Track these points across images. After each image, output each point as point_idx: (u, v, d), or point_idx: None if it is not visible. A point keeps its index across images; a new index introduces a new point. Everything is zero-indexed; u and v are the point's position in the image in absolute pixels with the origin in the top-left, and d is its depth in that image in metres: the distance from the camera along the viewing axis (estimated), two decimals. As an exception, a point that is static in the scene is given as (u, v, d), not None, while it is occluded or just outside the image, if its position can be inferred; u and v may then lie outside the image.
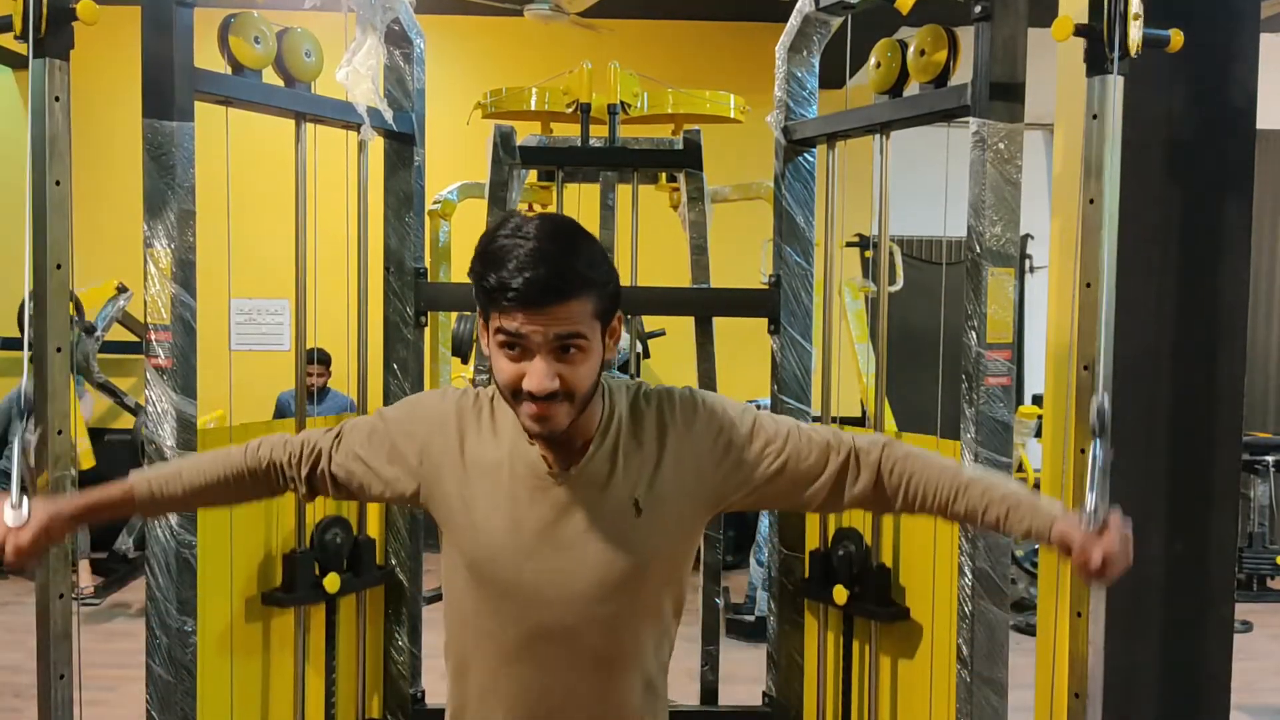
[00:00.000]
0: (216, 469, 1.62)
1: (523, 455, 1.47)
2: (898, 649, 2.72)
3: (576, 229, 1.40)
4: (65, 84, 2.08)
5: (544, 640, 1.49)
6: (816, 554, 2.86)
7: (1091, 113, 1.99)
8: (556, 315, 1.33)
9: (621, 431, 1.48)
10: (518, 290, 1.31)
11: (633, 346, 3.84)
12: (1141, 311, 2.43)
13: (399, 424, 1.56)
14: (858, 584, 2.75)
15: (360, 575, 2.83)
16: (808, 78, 2.93)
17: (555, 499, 1.46)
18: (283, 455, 1.61)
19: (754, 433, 1.52)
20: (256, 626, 2.67)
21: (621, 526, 1.46)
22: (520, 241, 1.33)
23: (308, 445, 1.61)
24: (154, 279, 2.33)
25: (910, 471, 1.53)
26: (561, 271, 1.32)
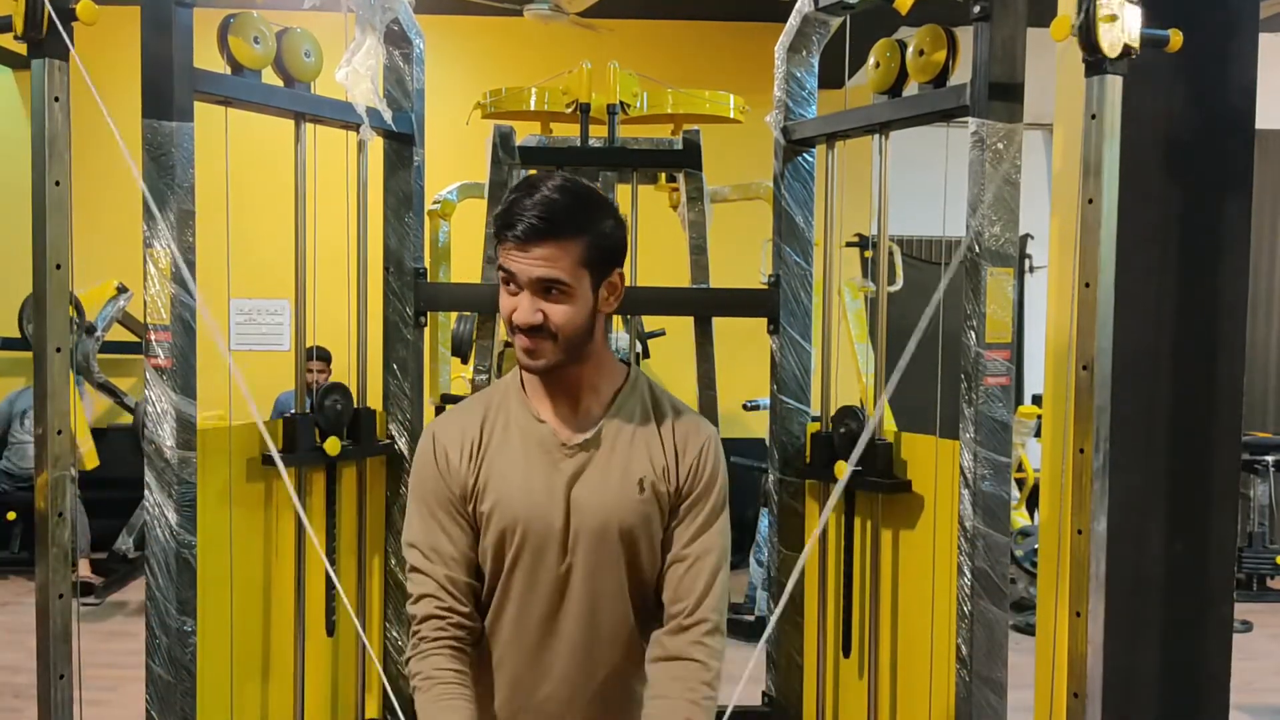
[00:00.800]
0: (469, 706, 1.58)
1: (534, 433, 1.61)
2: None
3: (589, 189, 1.57)
4: (65, 84, 2.08)
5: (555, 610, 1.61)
6: (818, 435, 2.87)
7: (1090, 112, 1.98)
8: (541, 255, 1.49)
9: (639, 419, 1.63)
10: (511, 227, 1.48)
11: (632, 346, 3.84)
12: (1141, 311, 2.43)
13: (427, 490, 1.64)
14: (859, 460, 2.73)
15: (361, 443, 2.83)
16: (807, 78, 2.93)
17: (572, 465, 1.60)
18: (450, 616, 1.60)
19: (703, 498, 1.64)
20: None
21: (626, 493, 1.60)
22: (535, 189, 1.50)
23: (439, 599, 1.60)
24: (153, 279, 2.33)
25: (653, 682, 1.62)
26: (553, 215, 1.48)
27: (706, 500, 1.64)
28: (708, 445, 1.65)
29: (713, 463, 1.65)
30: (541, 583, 1.60)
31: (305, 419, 2.71)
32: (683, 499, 1.63)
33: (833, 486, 2.83)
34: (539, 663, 1.63)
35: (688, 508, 1.63)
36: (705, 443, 1.65)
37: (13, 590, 6.01)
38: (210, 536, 2.48)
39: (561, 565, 1.60)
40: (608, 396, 1.63)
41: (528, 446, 1.60)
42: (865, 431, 2.24)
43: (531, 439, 1.61)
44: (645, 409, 1.65)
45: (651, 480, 1.61)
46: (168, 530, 2.35)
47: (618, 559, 1.60)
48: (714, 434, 1.68)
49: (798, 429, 2.95)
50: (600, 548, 1.59)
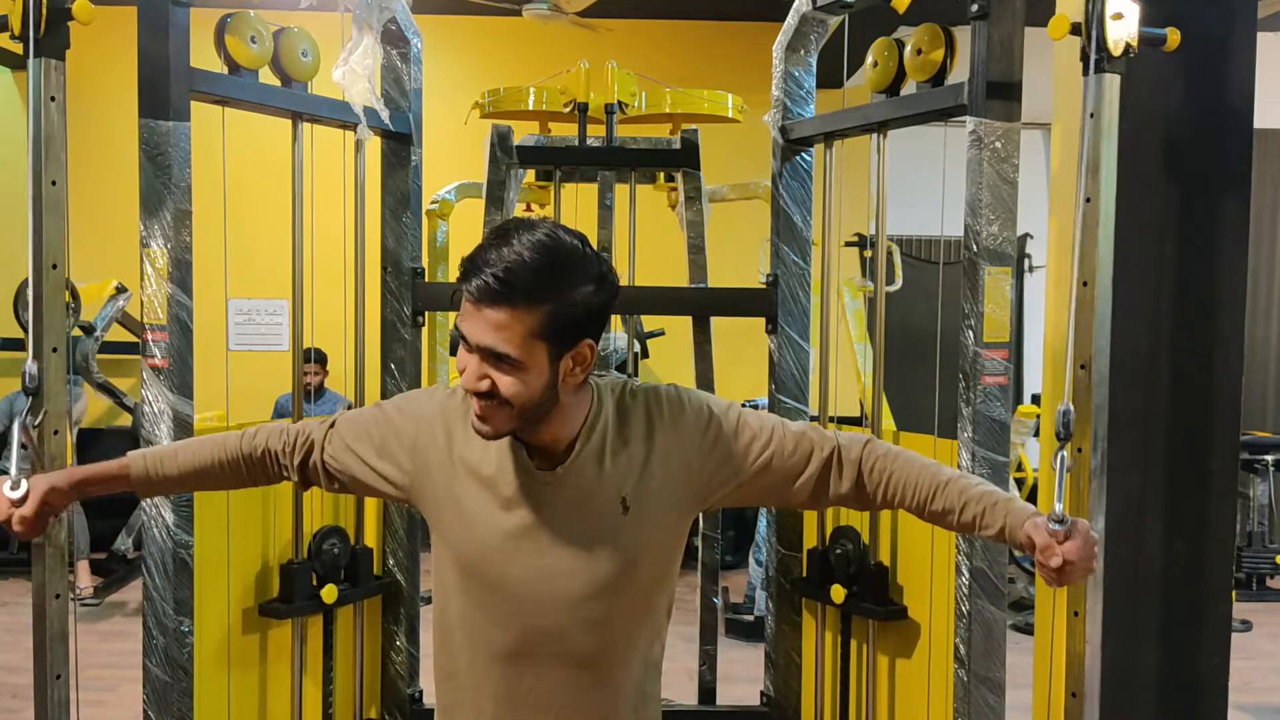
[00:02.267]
0: (213, 452, 1.65)
1: (510, 456, 1.48)
2: (895, 648, 2.72)
3: (571, 249, 1.37)
4: (61, 84, 2.08)
5: (533, 639, 1.49)
6: (814, 552, 2.85)
7: (1088, 111, 1.98)
8: (492, 321, 1.34)
9: (609, 431, 1.48)
10: (467, 279, 1.35)
11: (630, 346, 3.84)
12: (1139, 310, 2.43)
13: (391, 420, 1.57)
14: (855, 583, 2.74)
15: (358, 585, 2.83)
16: (805, 77, 2.93)
17: (542, 499, 1.47)
18: (278, 443, 1.64)
19: (739, 429, 1.53)
20: (254, 637, 2.66)
21: (609, 525, 1.47)
22: (507, 240, 1.35)
23: (302, 434, 1.63)
24: (150, 279, 2.32)
25: (890, 470, 1.54)
26: (513, 279, 1.32)
27: (739, 435, 1.51)
28: (688, 407, 1.51)
29: (707, 411, 1.51)
30: (514, 612, 1.48)
31: (303, 567, 2.69)
32: (724, 460, 1.51)
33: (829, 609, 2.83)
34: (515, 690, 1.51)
35: (740, 452, 1.51)
36: (685, 409, 1.51)
37: (12, 590, 6.01)
38: (208, 536, 2.48)
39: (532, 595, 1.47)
40: (576, 429, 1.47)
41: (502, 470, 1.48)
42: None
43: (506, 462, 1.48)
44: (615, 426, 1.49)
45: (638, 494, 1.47)
46: (165, 530, 2.35)
47: (603, 590, 1.47)
48: (680, 394, 1.53)
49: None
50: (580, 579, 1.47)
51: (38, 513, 1.55)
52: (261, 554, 2.68)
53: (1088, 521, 1.44)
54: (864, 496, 1.57)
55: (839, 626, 2.83)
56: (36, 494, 1.54)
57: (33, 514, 1.54)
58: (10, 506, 1.54)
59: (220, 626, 2.57)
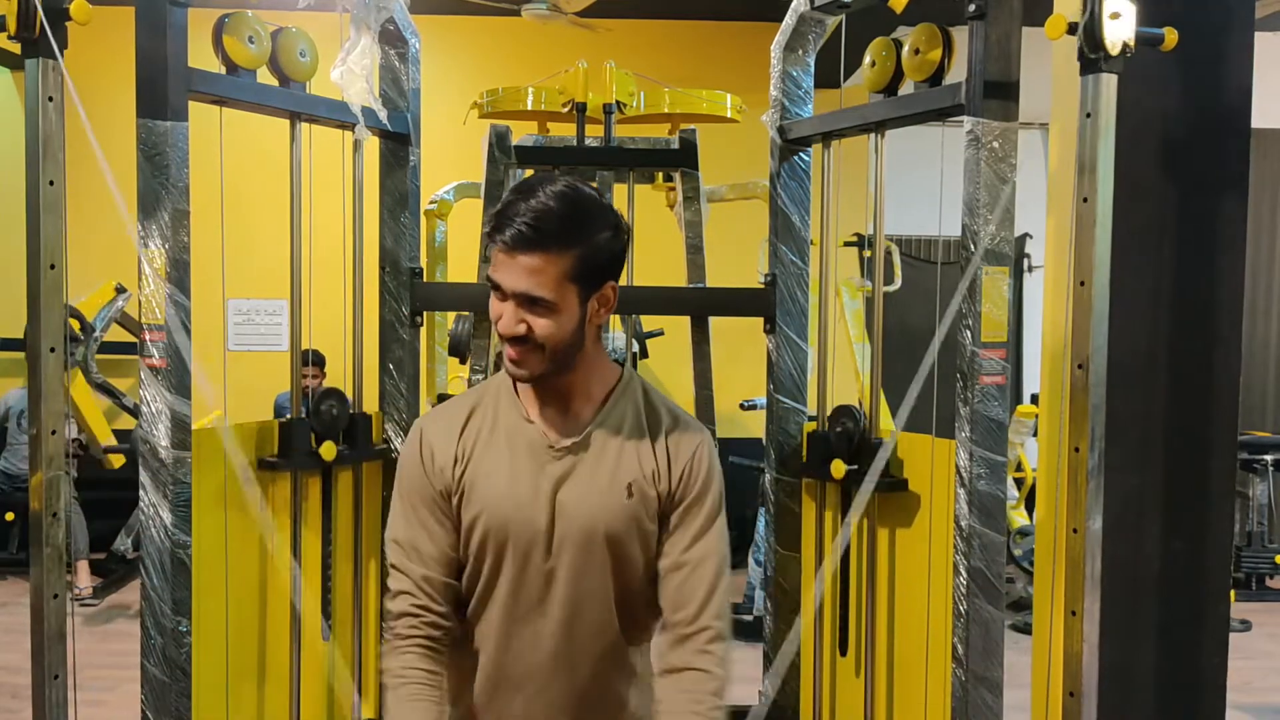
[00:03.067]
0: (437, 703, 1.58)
1: (523, 434, 1.58)
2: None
3: (589, 197, 1.50)
4: (59, 84, 2.08)
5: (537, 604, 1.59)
6: (814, 434, 2.86)
7: (1085, 111, 1.98)
8: (526, 266, 1.44)
9: (631, 423, 1.59)
10: (501, 230, 1.44)
11: (629, 346, 3.83)
12: (1136, 310, 2.43)
13: (411, 487, 1.61)
14: (855, 459, 2.74)
15: (356, 448, 2.83)
16: (803, 77, 2.93)
17: (560, 468, 1.57)
18: (423, 628, 1.59)
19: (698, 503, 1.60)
20: (252, 632, 2.66)
21: (613, 497, 1.57)
22: (532, 193, 1.45)
23: (415, 596, 1.59)
24: (148, 279, 2.33)
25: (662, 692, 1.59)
26: (544, 224, 1.43)
27: (701, 505, 1.60)
28: (700, 449, 1.61)
29: (706, 467, 1.61)
30: (525, 585, 1.58)
31: (301, 424, 2.70)
32: (676, 504, 1.60)
33: (831, 486, 2.83)
34: (521, 665, 1.60)
35: (682, 514, 1.59)
36: (698, 447, 1.61)
37: (12, 591, 6.01)
38: (206, 536, 2.48)
39: (545, 568, 1.57)
40: (599, 399, 1.59)
41: (515, 447, 1.57)
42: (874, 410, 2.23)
43: (519, 440, 1.58)
44: (637, 412, 1.60)
45: (640, 484, 1.57)
46: (162, 530, 2.35)
47: (603, 563, 1.57)
48: (707, 438, 1.64)
49: (794, 428, 2.95)
50: (584, 552, 1.56)
51: None
52: (260, 554, 2.68)
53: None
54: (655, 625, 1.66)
55: (839, 504, 2.81)
56: None
57: None
58: None
59: (218, 626, 2.56)
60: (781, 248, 2.95)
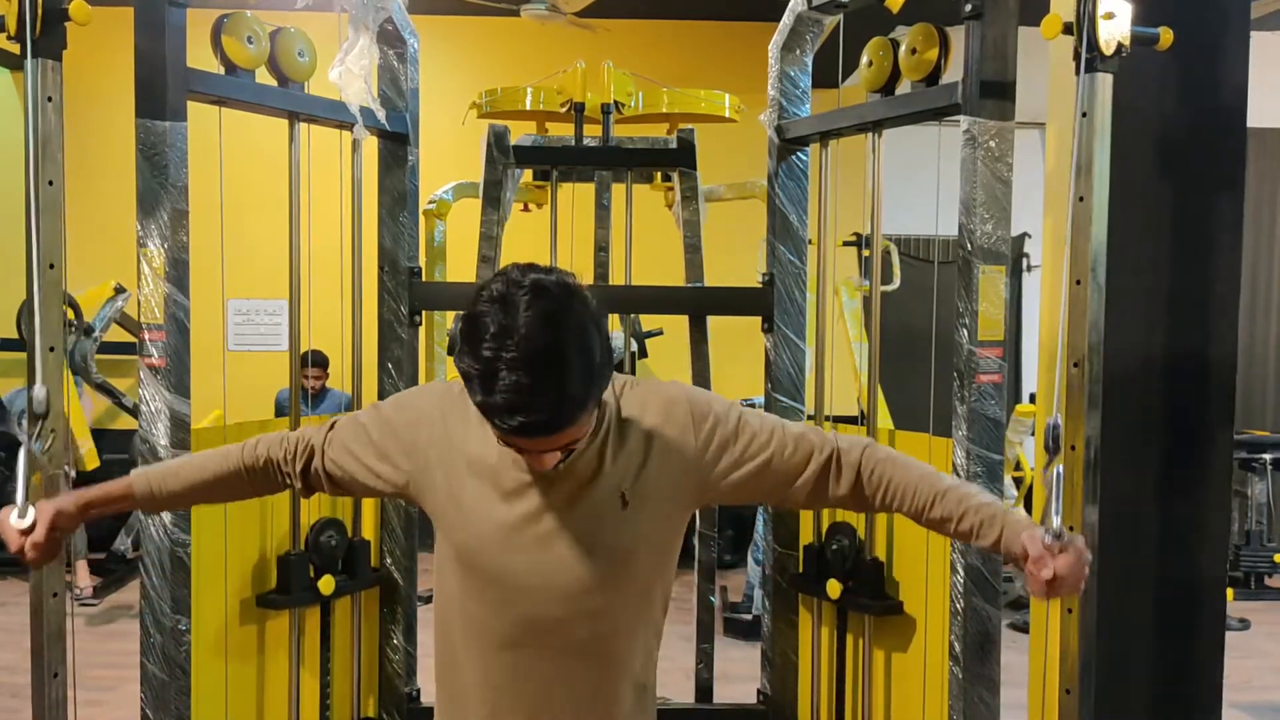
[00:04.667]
0: (215, 466, 1.67)
1: (510, 451, 1.47)
2: (891, 643, 2.72)
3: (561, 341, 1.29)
4: (58, 84, 2.09)
5: (532, 631, 1.51)
6: (810, 549, 2.86)
7: (1081, 110, 1.99)
8: (549, 441, 1.35)
9: (610, 426, 1.49)
10: (512, 429, 1.30)
11: (628, 346, 3.84)
12: (1132, 309, 2.43)
13: (389, 421, 1.59)
14: (851, 578, 2.75)
15: (355, 577, 2.84)
16: (801, 76, 2.93)
17: (542, 493, 1.48)
18: (279, 452, 1.65)
19: (740, 428, 1.54)
20: (251, 629, 2.67)
21: (607, 519, 1.48)
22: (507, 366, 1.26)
23: (302, 442, 1.65)
24: (147, 279, 2.33)
25: (890, 475, 1.56)
26: (555, 413, 1.30)
27: (737, 430, 1.52)
28: (683, 405, 1.52)
29: (704, 409, 1.52)
30: (514, 605, 1.50)
31: (300, 559, 2.69)
32: (722, 454, 1.51)
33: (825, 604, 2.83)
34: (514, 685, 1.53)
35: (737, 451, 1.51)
36: (681, 405, 1.52)
37: (12, 590, 6.01)
38: (205, 535, 2.48)
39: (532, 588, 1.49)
40: None
41: (502, 465, 1.48)
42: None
43: (506, 458, 1.48)
44: (612, 431, 1.49)
45: (636, 490, 1.48)
46: (162, 529, 2.35)
47: (601, 583, 1.49)
48: (679, 388, 1.55)
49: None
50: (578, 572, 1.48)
51: (48, 538, 1.56)
52: (259, 553, 2.68)
53: (1083, 540, 1.45)
54: (862, 499, 1.58)
55: (835, 622, 2.83)
56: (45, 519, 1.55)
57: (44, 540, 1.55)
58: (20, 535, 1.54)
59: (218, 624, 2.57)
60: (779, 247, 2.95)
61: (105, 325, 5.91)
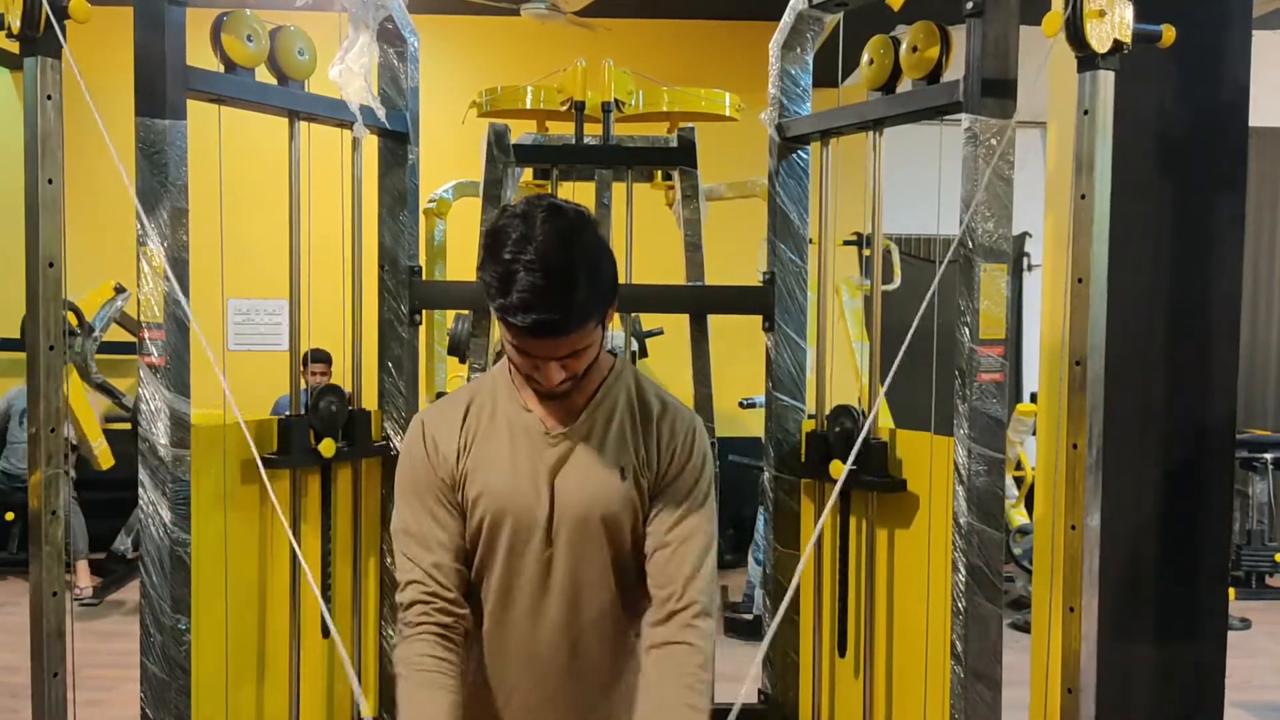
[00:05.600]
0: (449, 687, 1.59)
1: (521, 423, 1.63)
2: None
3: (575, 250, 1.44)
4: (58, 83, 2.09)
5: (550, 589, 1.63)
6: (813, 434, 2.86)
7: (1082, 108, 1.99)
8: (561, 343, 1.48)
9: (623, 408, 1.64)
10: (525, 327, 1.43)
11: (628, 344, 3.83)
12: (1134, 307, 2.43)
13: (417, 478, 1.65)
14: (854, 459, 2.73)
15: (356, 445, 2.83)
16: (801, 75, 2.93)
17: (557, 453, 1.62)
18: (433, 607, 1.61)
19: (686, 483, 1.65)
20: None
21: (609, 480, 1.62)
22: (525, 269, 1.40)
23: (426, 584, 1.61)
24: (147, 277, 2.33)
25: (649, 665, 1.61)
26: (565, 314, 1.43)
27: (689, 485, 1.64)
28: (690, 432, 1.66)
29: (695, 449, 1.65)
30: (526, 568, 1.62)
31: (300, 421, 2.71)
32: (665, 485, 1.64)
33: (829, 486, 2.83)
34: (524, 647, 1.65)
35: (670, 493, 1.63)
36: (688, 430, 1.66)
37: (12, 590, 6.01)
38: (205, 534, 2.48)
39: (545, 552, 1.62)
40: (592, 387, 1.64)
41: (514, 435, 1.62)
42: (862, 431, 2.23)
43: (518, 427, 1.62)
44: (630, 398, 1.66)
45: (634, 467, 1.62)
46: (162, 528, 2.35)
47: (600, 545, 1.62)
48: (698, 422, 1.69)
49: (793, 426, 2.95)
50: (583, 534, 1.61)
51: None
52: (260, 553, 2.68)
53: None
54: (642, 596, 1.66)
55: (838, 505, 2.81)
56: None
57: None
58: None
59: (218, 624, 2.57)
60: (780, 246, 2.95)
61: (105, 325, 5.90)
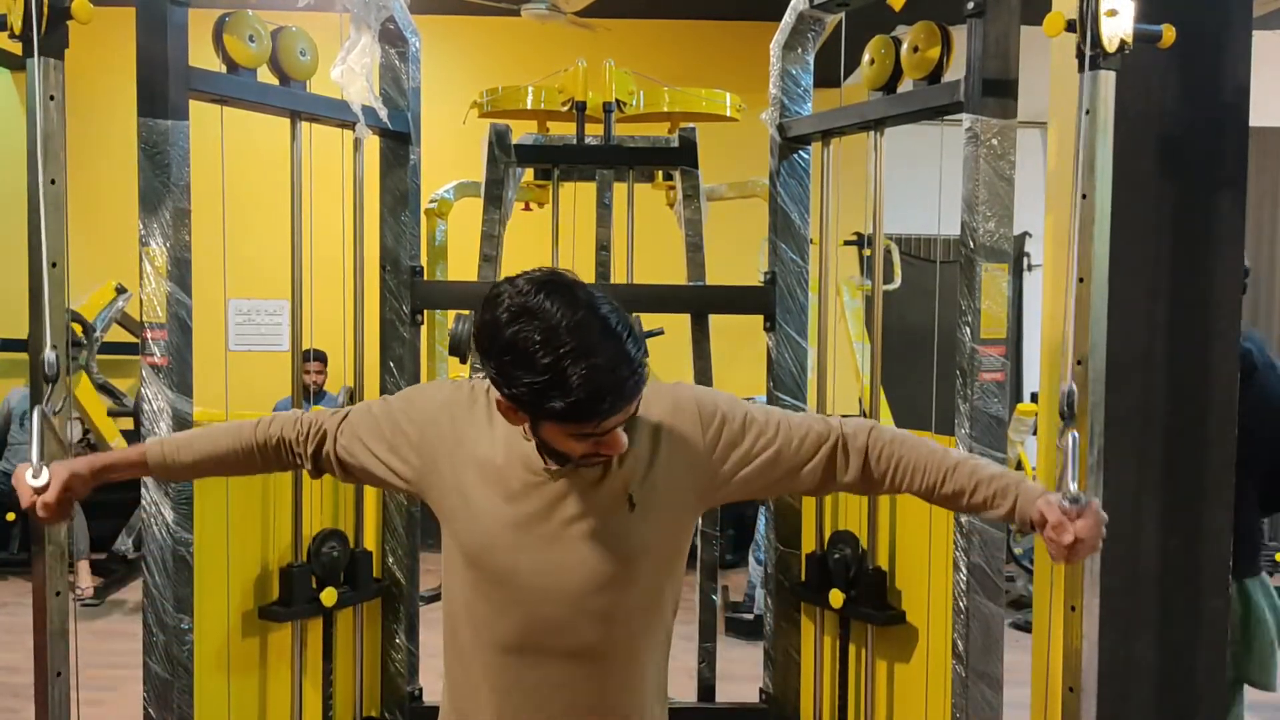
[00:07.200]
0: (228, 440, 1.70)
1: (518, 450, 1.49)
2: (894, 651, 2.72)
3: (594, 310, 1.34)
4: (60, 83, 2.09)
5: (538, 631, 1.51)
6: (812, 557, 2.85)
7: (1084, 108, 1.99)
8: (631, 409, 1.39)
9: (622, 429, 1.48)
10: (606, 412, 1.33)
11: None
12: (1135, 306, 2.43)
13: (399, 414, 1.60)
14: (853, 587, 2.74)
15: (358, 588, 2.83)
16: (802, 75, 2.93)
17: (550, 493, 1.48)
18: (292, 433, 1.69)
19: (746, 424, 1.54)
20: (254, 640, 2.66)
21: (615, 520, 1.48)
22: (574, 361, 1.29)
23: (315, 424, 1.67)
24: (149, 277, 2.33)
25: (898, 455, 1.57)
26: (633, 375, 1.34)
27: (746, 429, 1.52)
28: (691, 403, 1.53)
29: (711, 406, 1.53)
30: (520, 605, 1.50)
31: (302, 570, 2.68)
32: (730, 451, 1.52)
33: (827, 613, 2.82)
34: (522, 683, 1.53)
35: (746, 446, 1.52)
36: (689, 404, 1.53)
37: (12, 591, 6.01)
38: (208, 534, 2.48)
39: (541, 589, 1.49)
40: None
41: (510, 464, 1.49)
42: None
43: (515, 457, 1.49)
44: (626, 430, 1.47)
45: (641, 489, 1.48)
46: (164, 528, 2.35)
47: (611, 583, 1.49)
48: (685, 389, 1.56)
49: (794, 426, 2.95)
50: (587, 575, 1.48)
51: (60, 498, 1.60)
52: (261, 553, 2.68)
53: (1098, 502, 1.46)
54: (871, 482, 1.59)
55: (838, 631, 2.82)
56: (58, 480, 1.60)
57: (55, 499, 1.59)
58: (33, 493, 1.59)
59: (220, 624, 2.57)
60: (781, 246, 2.95)
61: (106, 325, 5.91)
